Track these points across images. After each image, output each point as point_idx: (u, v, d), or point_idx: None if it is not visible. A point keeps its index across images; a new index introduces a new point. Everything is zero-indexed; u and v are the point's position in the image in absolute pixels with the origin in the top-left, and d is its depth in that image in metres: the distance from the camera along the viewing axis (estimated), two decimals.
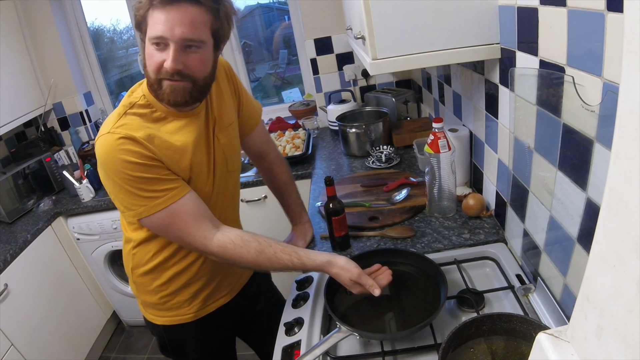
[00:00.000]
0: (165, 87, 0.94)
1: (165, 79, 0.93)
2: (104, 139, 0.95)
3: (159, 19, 0.88)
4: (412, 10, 1.02)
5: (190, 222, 0.99)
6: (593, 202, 0.70)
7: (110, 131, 0.95)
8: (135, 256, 1.15)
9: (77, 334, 2.27)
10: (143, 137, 0.96)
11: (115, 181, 0.95)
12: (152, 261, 1.13)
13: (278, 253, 1.02)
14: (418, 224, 1.36)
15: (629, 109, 0.30)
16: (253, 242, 1.02)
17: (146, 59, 0.94)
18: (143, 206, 0.97)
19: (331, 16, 2.32)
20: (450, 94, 1.61)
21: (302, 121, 2.51)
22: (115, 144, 0.93)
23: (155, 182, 0.96)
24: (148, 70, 0.95)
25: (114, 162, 0.93)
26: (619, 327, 0.32)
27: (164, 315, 1.21)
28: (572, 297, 0.84)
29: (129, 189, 0.95)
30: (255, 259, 1.01)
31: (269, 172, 1.40)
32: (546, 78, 0.82)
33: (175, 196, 0.98)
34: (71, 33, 2.64)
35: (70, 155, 2.61)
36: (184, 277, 1.16)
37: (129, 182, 0.94)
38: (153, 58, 0.92)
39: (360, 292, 0.99)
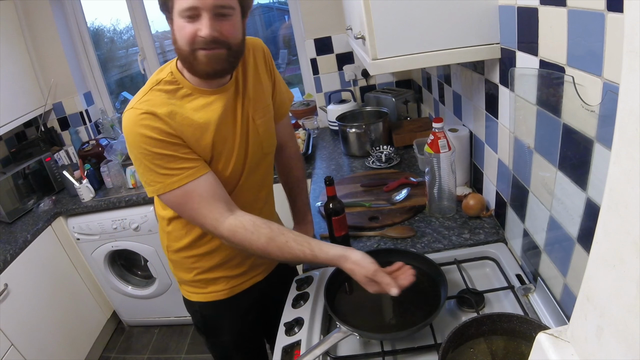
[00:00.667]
0: (201, 56, 0.94)
1: (200, 48, 0.93)
2: (128, 114, 0.97)
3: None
4: (412, 10, 1.02)
5: (204, 203, 0.99)
6: (593, 202, 0.70)
7: (133, 106, 0.97)
8: (170, 234, 1.17)
9: (77, 334, 2.27)
10: (164, 113, 0.96)
11: (136, 156, 0.97)
12: (186, 237, 1.15)
13: (290, 242, 0.98)
14: (418, 224, 1.36)
15: (629, 109, 0.30)
16: (265, 228, 0.99)
17: (177, 33, 0.94)
18: (159, 183, 0.97)
19: (331, 16, 2.32)
20: (450, 94, 1.61)
21: (302, 121, 2.51)
22: (136, 119, 0.95)
23: (173, 159, 0.96)
24: (180, 44, 0.94)
25: (134, 136, 0.95)
26: (619, 327, 0.32)
27: (199, 292, 1.23)
28: (572, 297, 0.84)
29: (147, 165, 0.96)
30: (264, 246, 0.98)
31: (286, 165, 1.39)
32: (546, 78, 0.82)
33: (191, 175, 0.98)
34: (71, 33, 2.64)
35: (70, 155, 2.61)
36: (219, 254, 1.17)
37: (147, 157, 0.95)
38: (185, 30, 0.92)
39: (376, 291, 0.93)
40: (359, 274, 0.93)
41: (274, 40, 3.10)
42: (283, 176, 1.41)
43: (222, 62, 0.96)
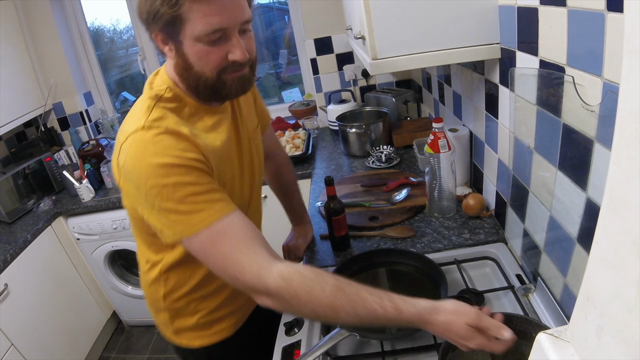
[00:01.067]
0: (230, 81, 0.84)
1: (228, 73, 0.83)
2: (137, 138, 0.78)
3: (207, 10, 0.75)
4: (412, 10, 1.02)
5: (240, 245, 0.79)
6: (593, 202, 0.70)
7: (144, 126, 0.79)
8: (169, 281, 0.99)
9: (77, 334, 2.27)
10: (188, 133, 0.81)
11: (146, 197, 0.78)
12: (192, 279, 0.99)
13: (362, 293, 0.75)
14: (418, 224, 1.36)
15: (629, 109, 0.30)
16: (328, 276, 0.78)
17: (196, 60, 0.81)
18: (183, 224, 0.78)
19: (331, 16, 2.32)
20: (450, 94, 1.61)
21: (302, 121, 2.51)
22: (151, 144, 0.77)
23: (199, 191, 0.78)
24: (202, 70, 0.82)
25: (146, 170, 0.76)
26: (619, 327, 0.32)
27: (204, 335, 1.07)
28: (572, 297, 0.84)
29: (164, 205, 0.77)
30: (330, 299, 0.75)
31: (276, 172, 1.36)
32: (546, 78, 0.82)
33: (221, 210, 0.79)
34: (71, 33, 2.64)
35: (70, 155, 2.61)
36: (228, 288, 1.03)
37: (164, 194, 0.76)
38: (211, 55, 0.80)
39: (479, 345, 0.72)
40: (459, 325, 0.73)
41: (274, 40, 3.10)
42: (275, 183, 1.39)
43: (249, 82, 0.88)
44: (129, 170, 0.79)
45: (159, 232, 0.81)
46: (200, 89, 0.85)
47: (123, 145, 0.80)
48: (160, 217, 0.79)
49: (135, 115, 0.83)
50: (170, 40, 0.81)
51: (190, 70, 0.82)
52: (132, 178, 0.79)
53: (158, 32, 0.81)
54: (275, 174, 1.37)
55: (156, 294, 1.02)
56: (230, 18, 0.78)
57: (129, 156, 0.78)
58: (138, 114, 0.83)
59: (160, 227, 0.80)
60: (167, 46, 0.83)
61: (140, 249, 1.02)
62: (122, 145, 0.80)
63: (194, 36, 0.78)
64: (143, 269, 1.04)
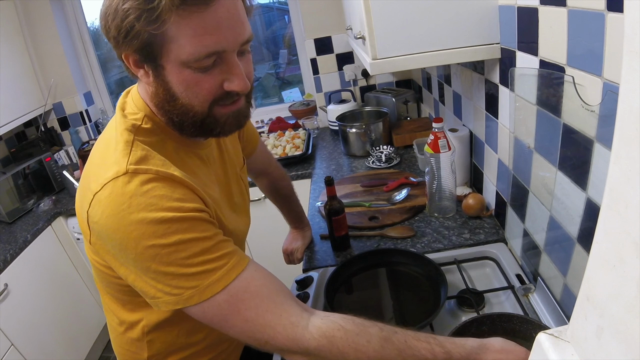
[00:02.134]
0: (225, 117, 0.70)
1: (221, 105, 0.69)
2: (118, 188, 0.62)
3: (202, 27, 0.60)
4: (412, 10, 1.02)
5: (266, 303, 0.66)
6: (593, 202, 0.70)
7: (127, 170, 0.63)
8: (154, 343, 0.83)
9: (77, 333, 2.27)
10: (180, 174, 0.67)
11: (136, 262, 0.63)
12: (180, 338, 0.84)
13: (410, 341, 0.68)
14: (418, 224, 1.36)
15: (629, 108, 0.30)
16: (372, 327, 0.69)
17: (181, 90, 0.65)
18: (191, 289, 0.63)
19: (331, 16, 2.32)
20: (450, 94, 1.61)
21: (302, 121, 2.51)
22: (140, 192, 0.62)
23: (208, 246, 0.65)
24: (190, 103, 0.67)
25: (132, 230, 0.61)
26: (619, 327, 0.32)
27: None
28: (572, 297, 0.84)
29: (162, 270, 0.62)
30: (380, 353, 0.66)
31: (271, 188, 1.33)
32: (546, 78, 0.82)
33: (237, 266, 0.66)
34: (71, 33, 2.64)
35: (70, 155, 2.61)
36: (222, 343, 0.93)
37: (162, 256, 0.62)
38: (202, 85, 0.65)
39: None
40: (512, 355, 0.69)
41: (274, 40, 3.10)
42: (272, 196, 1.36)
43: (246, 116, 0.73)
44: (110, 229, 0.62)
45: (151, 299, 0.66)
46: (185, 124, 0.70)
47: (97, 195, 0.63)
48: (156, 283, 0.63)
49: (110, 154, 0.66)
50: (147, 64, 0.65)
51: (174, 102, 0.67)
52: (115, 238, 0.62)
53: (131, 53, 0.64)
54: (272, 189, 1.34)
55: (138, 356, 0.86)
56: (227, 38, 0.63)
57: (109, 212, 0.61)
58: (114, 153, 0.66)
59: (154, 293, 0.64)
60: (141, 70, 0.66)
61: (108, 306, 0.84)
62: (95, 195, 0.63)
63: (180, 60, 0.62)
64: (116, 330, 0.86)
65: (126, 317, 0.82)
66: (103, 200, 0.62)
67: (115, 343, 0.90)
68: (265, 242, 1.96)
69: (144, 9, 0.58)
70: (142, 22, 0.58)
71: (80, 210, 0.68)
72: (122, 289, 0.76)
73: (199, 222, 0.65)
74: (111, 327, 0.89)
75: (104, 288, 0.82)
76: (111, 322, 0.88)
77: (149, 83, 0.68)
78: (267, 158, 1.27)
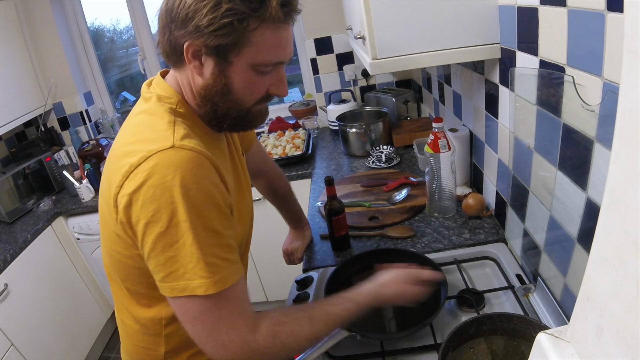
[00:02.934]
0: (257, 112, 0.79)
1: (258, 104, 0.78)
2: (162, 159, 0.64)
3: (277, 40, 0.71)
4: (412, 10, 1.02)
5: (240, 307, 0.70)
6: (593, 202, 0.70)
7: (174, 145, 0.66)
8: (171, 337, 0.84)
9: (77, 333, 2.27)
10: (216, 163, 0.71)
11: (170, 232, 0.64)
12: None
13: (327, 308, 0.79)
14: (418, 224, 1.36)
15: (629, 108, 0.30)
16: (297, 310, 0.77)
17: (240, 86, 0.73)
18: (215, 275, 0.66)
19: (331, 16, 2.32)
20: (450, 93, 1.61)
21: (302, 121, 2.51)
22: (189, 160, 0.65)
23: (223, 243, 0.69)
24: (242, 99, 0.75)
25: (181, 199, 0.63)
26: (619, 327, 0.32)
27: None
28: (572, 297, 0.84)
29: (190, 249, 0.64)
30: (310, 331, 0.75)
31: (269, 187, 1.33)
32: (546, 78, 0.82)
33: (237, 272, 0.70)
34: (71, 33, 2.64)
35: (70, 155, 2.61)
36: None
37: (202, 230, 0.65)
38: (257, 85, 0.74)
39: (424, 291, 0.89)
40: (401, 282, 0.87)
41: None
42: (269, 196, 1.35)
43: (266, 116, 0.83)
44: (151, 197, 0.63)
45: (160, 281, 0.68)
46: (227, 116, 0.77)
47: (140, 166, 0.64)
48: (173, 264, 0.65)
49: (151, 132, 0.69)
50: (213, 57, 0.70)
51: (227, 95, 0.73)
52: (153, 206, 0.63)
53: (201, 45, 0.68)
54: (269, 189, 1.34)
55: (154, 353, 0.86)
56: (288, 54, 0.75)
57: (153, 181, 0.63)
58: (155, 131, 0.69)
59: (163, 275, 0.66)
60: (197, 61, 0.71)
61: (123, 305, 0.86)
62: (137, 167, 0.64)
63: (251, 62, 0.71)
64: (132, 328, 0.86)
65: (142, 314, 0.83)
66: (147, 170, 0.64)
67: (130, 342, 0.90)
68: (265, 242, 1.96)
69: (249, 14, 0.66)
70: (242, 24, 0.66)
71: (109, 188, 0.69)
72: (140, 280, 0.78)
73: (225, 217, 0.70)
74: (126, 325, 0.89)
75: (121, 283, 0.83)
76: (126, 321, 0.88)
77: (201, 74, 0.72)
78: (264, 157, 1.27)
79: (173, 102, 0.75)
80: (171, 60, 0.75)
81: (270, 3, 0.66)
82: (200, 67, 0.72)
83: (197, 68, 0.72)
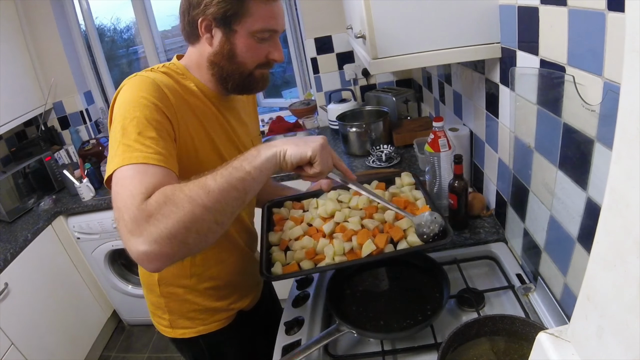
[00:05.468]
0: (259, 76, 0.95)
1: (259, 69, 0.93)
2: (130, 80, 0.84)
3: (270, 12, 0.88)
4: (412, 9, 1.02)
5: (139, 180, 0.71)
6: (593, 202, 0.70)
7: (140, 74, 0.86)
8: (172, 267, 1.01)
9: (77, 333, 2.27)
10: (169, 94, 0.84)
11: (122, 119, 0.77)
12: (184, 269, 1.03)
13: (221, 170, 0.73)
14: None
15: (630, 108, 0.30)
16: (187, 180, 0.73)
17: (242, 52, 0.89)
18: (116, 157, 0.74)
19: (331, 15, 2.32)
20: (450, 93, 1.61)
21: (302, 120, 2.51)
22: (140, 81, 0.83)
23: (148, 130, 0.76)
24: (244, 62, 0.91)
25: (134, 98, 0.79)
26: (620, 326, 0.32)
27: (199, 324, 1.09)
28: (573, 296, 0.84)
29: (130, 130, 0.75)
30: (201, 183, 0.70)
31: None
32: (547, 77, 0.82)
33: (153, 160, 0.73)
34: (71, 32, 2.64)
35: (70, 154, 2.61)
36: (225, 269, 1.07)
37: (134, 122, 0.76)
38: (257, 50, 0.90)
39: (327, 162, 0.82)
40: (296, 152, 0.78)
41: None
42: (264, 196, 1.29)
43: (268, 81, 0.98)
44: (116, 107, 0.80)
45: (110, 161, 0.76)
46: (230, 78, 0.93)
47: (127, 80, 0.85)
48: (110, 151, 0.76)
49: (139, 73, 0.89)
50: (221, 28, 0.87)
51: (232, 59, 0.90)
52: (117, 112, 0.79)
53: (211, 18, 0.86)
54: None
55: (151, 279, 1.06)
56: (281, 24, 0.91)
57: (116, 99, 0.82)
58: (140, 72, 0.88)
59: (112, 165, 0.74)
60: (208, 33, 0.89)
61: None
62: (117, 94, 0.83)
63: (250, 30, 0.87)
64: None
65: None
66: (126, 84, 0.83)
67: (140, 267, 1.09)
68: None
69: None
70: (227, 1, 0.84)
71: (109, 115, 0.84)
72: None
73: (155, 117, 0.79)
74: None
75: None
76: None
77: (211, 44, 0.90)
78: None
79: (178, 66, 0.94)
80: (190, 39, 0.93)
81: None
82: (211, 39, 0.89)
83: (208, 39, 0.90)
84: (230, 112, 1.03)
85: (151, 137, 0.76)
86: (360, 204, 1.05)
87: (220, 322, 1.11)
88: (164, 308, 1.08)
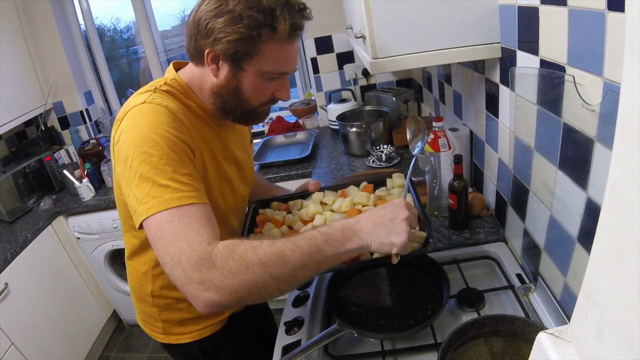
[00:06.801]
0: (262, 112, 0.94)
1: (264, 105, 0.92)
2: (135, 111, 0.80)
3: (284, 55, 0.84)
4: (412, 9, 1.02)
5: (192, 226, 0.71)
6: (593, 202, 0.70)
7: (145, 101, 0.82)
8: (157, 278, 0.99)
9: (77, 333, 2.27)
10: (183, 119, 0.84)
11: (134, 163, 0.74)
12: None
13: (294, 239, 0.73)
14: None
15: (630, 108, 0.30)
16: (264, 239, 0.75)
17: (250, 89, 0.87)
18: (155, 198, 0.71)
19: (331, 15, 2.32)
20: (450, 93, 1.61)
21: (302, 120, 2.51)
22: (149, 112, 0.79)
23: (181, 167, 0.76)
24: (249, 99, 0.88)
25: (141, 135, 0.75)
26: (620, 327, 0.32)
27: (192, 330, 1.08)
28: (573, 296, 0.84)
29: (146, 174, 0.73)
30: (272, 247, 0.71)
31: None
32: (547, 77, 0.82)
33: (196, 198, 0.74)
34: (71, 32, 2.64)
35: (70, 154, 2.61)
36: None
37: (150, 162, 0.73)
38: (264, 89, 0.88)
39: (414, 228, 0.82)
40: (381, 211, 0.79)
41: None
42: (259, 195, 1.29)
43: (267, 115, 0.98)
44: (123, 143, 0.77)
45: (134, 213, 0.75)
46: (235, 111, 0.91)
47: (122, 121, 0.80)
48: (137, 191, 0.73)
49: (135, 97, 0.85)
50: (229, 63, 0.83)
51: (237, 95, 0.87)
52: (124, 148, 0.76)
53: (219, 51, 0.81)
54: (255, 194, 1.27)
55: (144, 289, 1.03)
56: (293, 67, 0.88)
57: (125, 128, 0.78)
58: (138, 96, 0.85)
59: (135, 205, 0.73)
60: (214, 65, 0.85)
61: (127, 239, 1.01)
62: (120, 122, 0.81)
63: (260, 70, 0.84)
64: (129, 264, 1.05)
65: (136, 250, 0.99)
66: (123, 122, 0.80)
67: (130, 277, 1.07)
68: None
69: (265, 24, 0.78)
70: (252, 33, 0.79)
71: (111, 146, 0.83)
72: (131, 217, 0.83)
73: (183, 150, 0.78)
74: (129, 265, 1.05)
75: (126, 222, 0.97)
76: (129, 261, 1.04)
77: (217, 76, 0.86)
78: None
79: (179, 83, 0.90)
80: (194, 61, 0.89)
81: (280, 25, 0.79)
82: (216, 70, 0.85)
83: (214, 70, 0.86)
84: (226, 128, 1.01)
85: (185, 173, 0.76)
86: (342, 206, 1.05)
87: (213, 327, 1.10)
88: (157, 317, 1.06)
